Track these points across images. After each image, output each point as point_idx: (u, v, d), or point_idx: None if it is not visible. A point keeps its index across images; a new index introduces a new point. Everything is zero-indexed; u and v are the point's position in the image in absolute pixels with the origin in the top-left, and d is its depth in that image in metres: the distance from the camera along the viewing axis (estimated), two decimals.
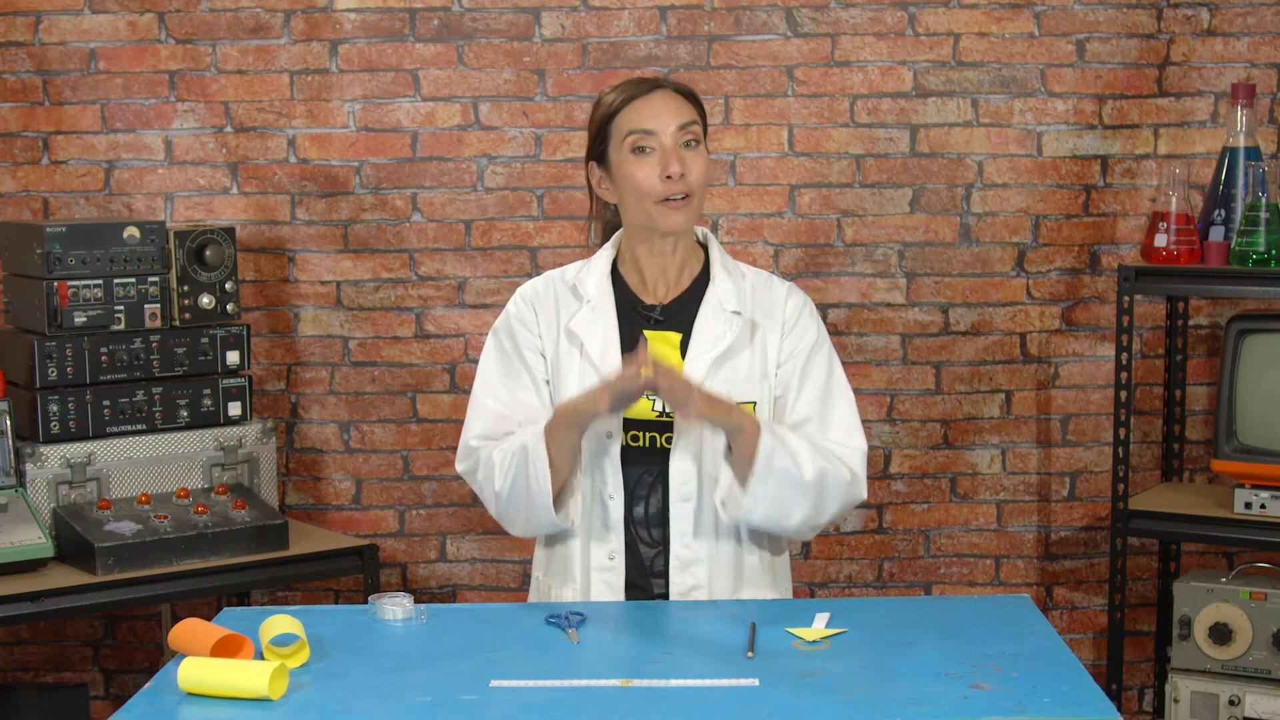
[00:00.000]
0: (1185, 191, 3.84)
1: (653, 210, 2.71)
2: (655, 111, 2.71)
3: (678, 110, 2.73)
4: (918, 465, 4.28)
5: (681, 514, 2.71)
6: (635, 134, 2.71)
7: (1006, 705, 2.14)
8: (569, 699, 2.20)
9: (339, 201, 4.20)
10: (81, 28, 4.13)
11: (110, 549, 3.50)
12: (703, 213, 2.88)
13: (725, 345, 2.73)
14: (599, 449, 2.71)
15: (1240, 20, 4.16)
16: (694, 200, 2.72)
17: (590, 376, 2.72)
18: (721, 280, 2.79)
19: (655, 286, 2.79)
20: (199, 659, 2.27)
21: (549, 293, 2.82)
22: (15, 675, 4.28)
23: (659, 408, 2.69)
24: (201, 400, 3.83)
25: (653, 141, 2.71)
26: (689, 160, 2.71)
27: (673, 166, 2.69)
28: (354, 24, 4.16)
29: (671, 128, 2.70)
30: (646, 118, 2.71)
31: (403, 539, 4.29)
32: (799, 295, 2.83)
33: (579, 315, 2.77)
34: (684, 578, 2.71)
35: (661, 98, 2.73)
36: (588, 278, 2.80)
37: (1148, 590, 4.32)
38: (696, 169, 2.71)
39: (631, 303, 2.78)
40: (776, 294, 2.81)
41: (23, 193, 4.18)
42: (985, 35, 4.17)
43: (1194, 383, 4.27)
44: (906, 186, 4.21)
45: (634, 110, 2.73)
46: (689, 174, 2.70)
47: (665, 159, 2.69)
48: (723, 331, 2.74)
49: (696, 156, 2.72)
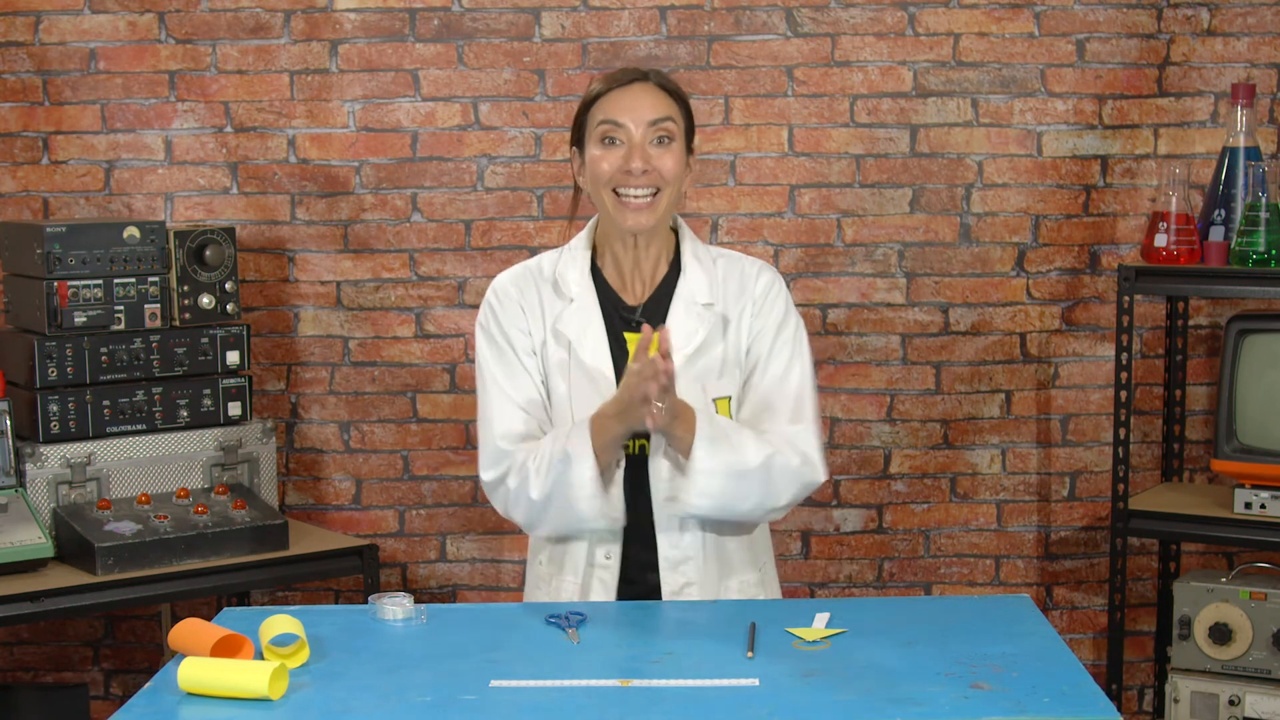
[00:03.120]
0: (1185, 191, 3.84)
1: (610, 204, 2.69)
2: (629, 104, 2.68)
3: (654, 105, 2.69)
4: (918, 465, 4.28)
5: (666, 518, 2.70)
6: (606, 124, 2.69)
7: (1006, 705, 2.14)
8: (569, 699, 2.20)
9: (339, 201, 4.20)
10: (81, 28, 4.13)
11: (110, 549, 3.50)
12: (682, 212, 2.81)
13: (698, 341, 2.72)
14: None
15: (1240, 20, 4.16)
16: (661, 199, 2.68)
17: (581, 380, 2.71)
18: (692, 272, 2.76)
19: (632, 283, 2.77)
20: (199, 659, 2.27)
21: (530, 288, 2.78)
22: (15, 675, 4.28)
23: None
24: (201, 400, 3.83)
25: (621, 134, 2.68)
26: (657, 156, 2.67)
27: (634, 161, 2.66)
28: (354, 24, 4.16)
29: (643, 121, 2.67)
30: (619, 109, 2.68)
31: (403, 539, 4.30)
32: (769, 274, 2.80)
33: (565, 315, 2.75)
34: (675, 577, 2.72)
35: (639, 90, 2.70)
36: (568, 272, 2.77)
37: (1148, 590, 4.32)
38: (665, 166, 2.67)
39: (614, 302, 2.77)
40: (747, 274, 2.79)
41: (23, 193, 4.18)
42: (985, 35, 4.17)
43: (1194, 383, 4.27)
44: (906, 186, 4.21)
45: (610, 100, 2.70)
46: (654, 170, 2.67)
47: (629, 152, 2.67)
48: (695, 328, 2.72)
49: (666, 153, 2.68)
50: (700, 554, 2.73)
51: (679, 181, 2.72)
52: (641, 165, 2.66)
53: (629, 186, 2.68)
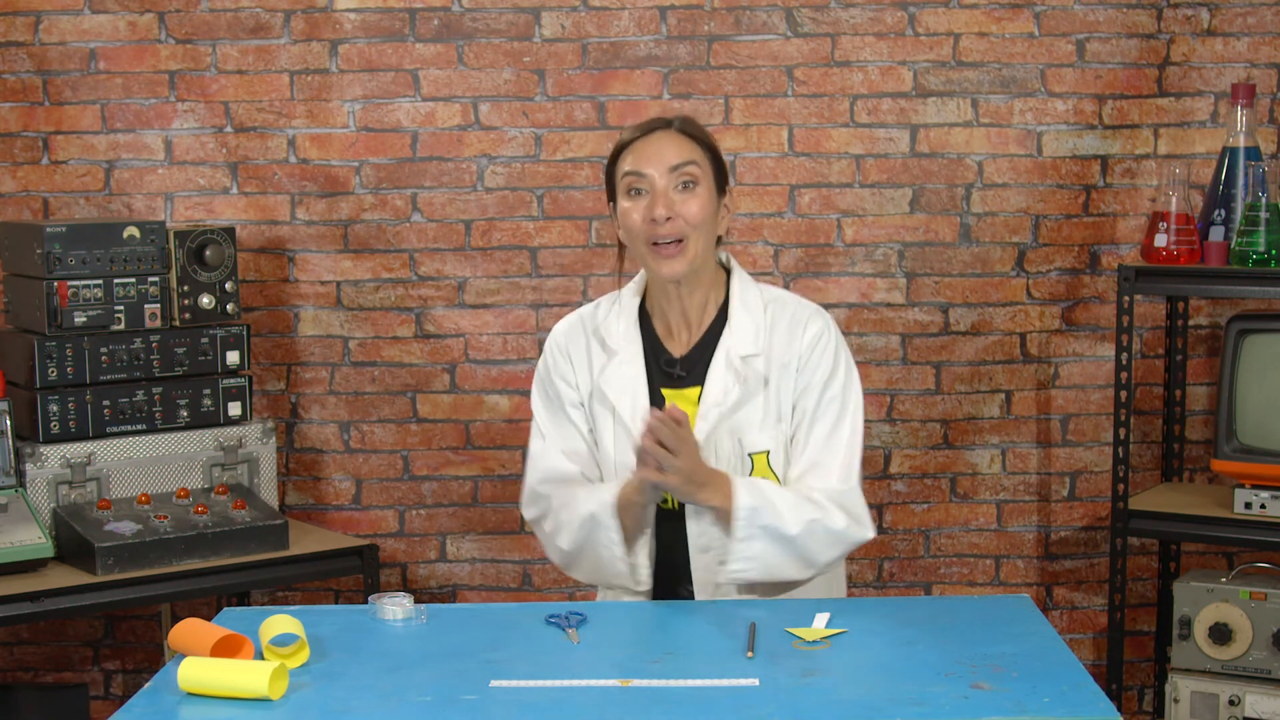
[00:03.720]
0: (1185, 191, 3.84)
1: (646, 255, 2.68)
2: (650, 153, 2.68)
3: (676, 151, 2.68)
4: (918, 465, 4.28)
5: (702, 564, 2.72)
6: (630, 175, 2.69)
7: (1006, 705, 2.14)
8: (569, 699, 2.20)
9: (339, 201, 4.20)
10: (81, 28, 4.13)
11: (110, 549, 3.50)
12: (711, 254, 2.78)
13: (734, 399, 2.70)
14: None
15: (1240, 20, 4.16)
16: (690, 244, 2.66)
17: (623, 438, 2.72)
18: (739, 321, 2.73)
19: (679, 331, 2.77)
20: (199, 659, 2.27)
21: (580, 339, 2.80)
22: (15, 675, 4.28)
23: None
24: (201, 400, 3.83)
25: (644, 183, 2.68)
26: (681, 202, 2.66)
27: (658, 210, 2.64)
28: (354, 24, 4.16)
29: (664, 168, 2.66)
30: (641, 160, 2.68)
31: (403, 539, 4.29)
32: (818, 324, 2.75)
33: (608, 371, 2.75)
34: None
35: (660, 138, 2.69)
36: (614, 325, 2.77)
37: (1148, 590, 4.32)
38: (689, 211, 2.65)
39: (656, 353, 2.76)
40: (796, 322, 2.75)
41: (23, 193, 4.18)
42: (985, 35, 4.17)
43: (1194, 383, 4.27)
44: (906, 186, 4.21)
45: (632, 151, 2.70)
46: (679, 216, 2.65)
47: (653, 201, 2.65)
48: (731, 384, 2.70)
49: (692, 198, 2.66)
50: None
51: (708, 225, 2.69)
52: (665, 212, 2.65)
53: (657, 236, 2.66)
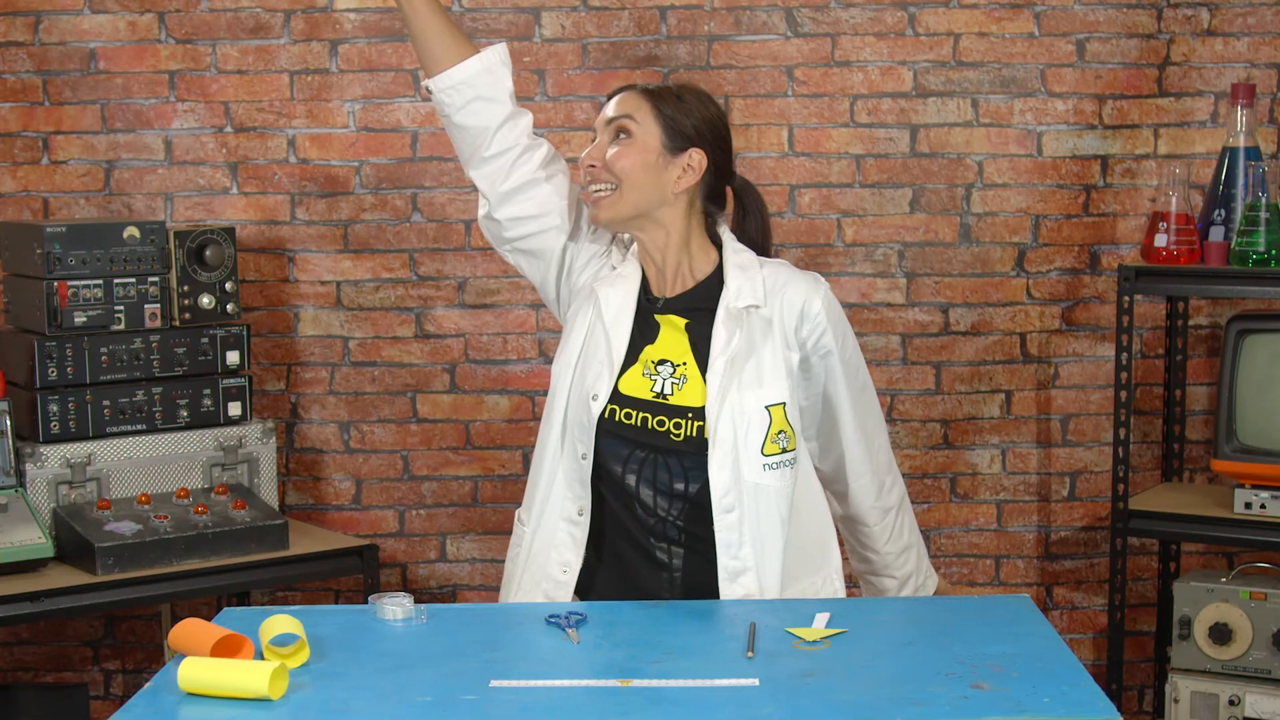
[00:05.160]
0: (1185, 191, 3.84)
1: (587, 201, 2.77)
2: (605, 111, 2.75)
3: (620, 105, 2.73)
4: (918, 465, 4.28)
5: (726, 524, 2.68)
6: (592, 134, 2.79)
7: (1006, 705, 2.14)
8: (569, 699, 2.20)
9: (339, 201, 4.20)
10: (81, 28, 4.13)
11: (110, 549, 3.50)
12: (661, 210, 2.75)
13: (738, 344, 2.68)
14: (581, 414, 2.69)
15: (1240, 20, 4.16)
16: (620, 194, 2.69)
17: (597, 336, 2.72)
18: (734, 278, 2.74)
19: (658, 281, 2.77)
20: (199, 659, 2.26)
21: (605, 239, 2.84)
22: (15, 675, 4.28)
23: (658, 389, 2.68)
24: (201, 400, 3.83)
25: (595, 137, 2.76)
26: (613, 153, 2.70)
27: (586, 157, 2.72)
28: (354, 24, 4.16)
29: (604, 122, 2.73)
30: (598, 119, 2.76)
31: (403, 539, 4.29)
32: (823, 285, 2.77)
33: (605, 277, 2.78)
34: (733, 588, 2.69)
35: (618, 98, 2.75)
36: (624, 251, 2.82)
37: (1148, 590, 4.32)
38: (616, 161, 2.68)
39: (644, 289, 2.78)
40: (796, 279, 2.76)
41: (23, 193, 4.18)
42: (985, 35, 4.17)
43: (1194, 383, 4.27)
44: (906, 186, 4.21)
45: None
46: (603, 166, 2.69)
47: (590, 149, 2.73)
48: (732, 331, 2.69)
49: (622, 149, 2.69)
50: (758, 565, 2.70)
51: (639, 178, 2.69)
52: (588, 160, 2.71)
53: (586, 181, 2.74)
